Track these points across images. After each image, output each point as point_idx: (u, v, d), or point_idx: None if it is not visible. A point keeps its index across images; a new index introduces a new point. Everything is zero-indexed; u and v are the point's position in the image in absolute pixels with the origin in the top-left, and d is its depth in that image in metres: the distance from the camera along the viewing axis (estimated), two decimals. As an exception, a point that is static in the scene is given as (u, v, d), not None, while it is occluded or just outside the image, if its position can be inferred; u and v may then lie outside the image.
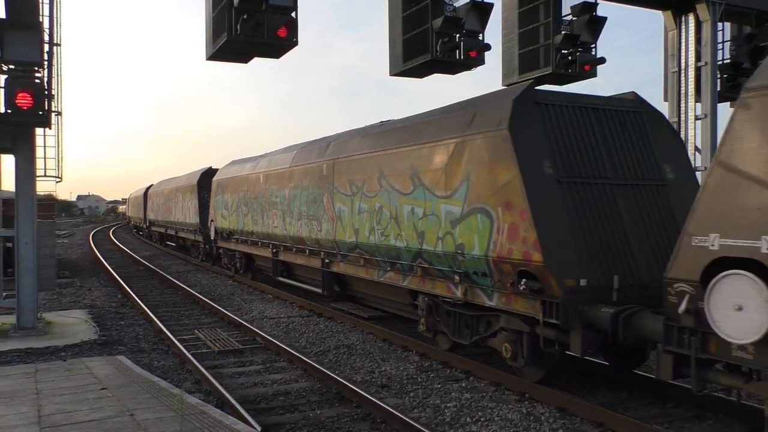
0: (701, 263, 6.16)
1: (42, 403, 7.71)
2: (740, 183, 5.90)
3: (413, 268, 11.03)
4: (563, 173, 8.58)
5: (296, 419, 7.78)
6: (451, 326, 10.38)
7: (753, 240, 5.68)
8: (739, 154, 5.95)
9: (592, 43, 13.65)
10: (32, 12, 12.23)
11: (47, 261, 15.19)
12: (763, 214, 5.62)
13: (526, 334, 8.71)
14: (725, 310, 5.91)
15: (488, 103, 9.48)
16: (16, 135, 12.27)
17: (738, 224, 5.83)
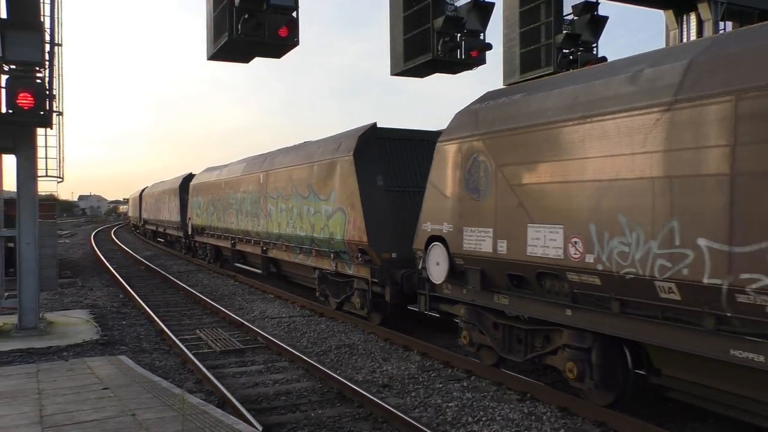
0: (424, 239, 10.14)
1: (44, 403, 7.72)
2: (436, 194, 9.94)
3: (311, 250, 15.32)
4: (390, 184, 12.83)
5: (298, 419, 7.78)
6: (332, 291, 14.87)
7: (441, 225, 9.75)
8: (434, 177, 10.02)
9: (593, 43, 13.64)
10: (33, 12, 12.26)
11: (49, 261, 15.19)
12: (443, 211, 9.71)
13: (367, 290, 12.96)
14: (432, 265, 10.03)
15: (348, 136, 13.62)
16: (17, 135, 12.29)
17: (436, 217, 9.90)
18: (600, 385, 7.71)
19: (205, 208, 25.79)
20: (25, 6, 12.16)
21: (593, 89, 7.48)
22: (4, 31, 11.25)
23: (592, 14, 13.57)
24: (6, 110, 11.48)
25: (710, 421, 7.49)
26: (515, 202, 8.37)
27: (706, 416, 7.56)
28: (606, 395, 7.78)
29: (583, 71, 8.63)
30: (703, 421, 7.51)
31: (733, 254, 5.78)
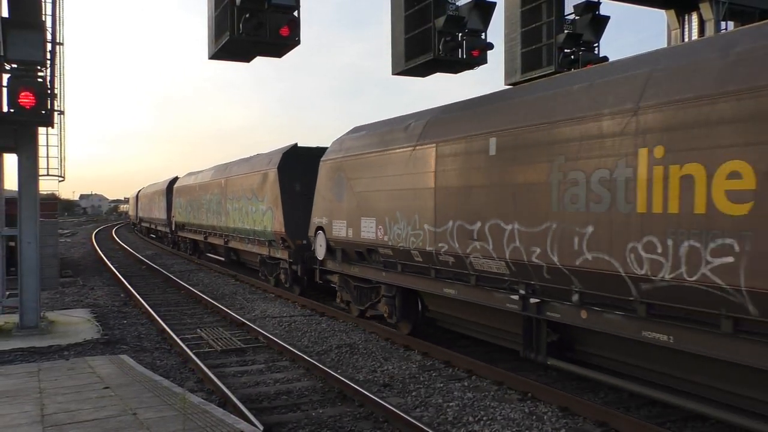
0: (314, 228, 14.41)
1: (45, 402, 7.72)
2: (319, 197, 14.18)
3: (254, 240, 20.11)
4: (304, 190, 16.61)
5: (298, 418, 7.78)
6: (269, 271, 19.91)
7: (322, 219, 13.80)
8: (319, 185, 14.12)
9: (594, 43, 13.63)
10: (35, 11, 12.27)
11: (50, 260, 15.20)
12: (323, 209, 13.80)
13: (287, 268, 17.81)
14: (318, 247, 14.22)
15: (276, 153, 18.59)
16: (18, 134, 12.29)
17: (319, 213, 14.04)
18: (401, 319, 11.99)
19: (184, 208, 30.45)
20: (26, 5, 12.17)
21: (390, 133, 11.87)
22: (6, 31, 11.25)
23: (594, 14, 13.56)
24: (7, 109, 11.49)
25: (710, 421, 7.49)
26: (356, 204, 12.66)
27: (707, 416, 7.55)
28: (407, 326, 12.03)
29: (386, 123, 12.83)
30: (704, 421, 7.51)
31: (437, 233, 10.14)
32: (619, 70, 7.52)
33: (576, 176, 7.55)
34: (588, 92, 7.65)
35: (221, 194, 23.45)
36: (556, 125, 7.87)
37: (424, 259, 10.58)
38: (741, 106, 5.84)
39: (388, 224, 11.50)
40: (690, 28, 14.21)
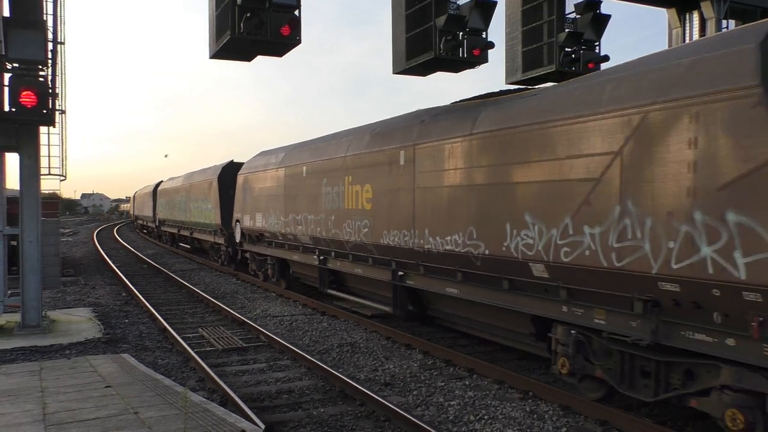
0: (234, 220, 21.45)
1: (47, 401, 7.74)
2: (239, 198, 20.83)
3: (206, 231, 27.00)
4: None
5: (300, 417, 7.79)
6: (215, 254, 26.63)
7: (239, 214, 20.74)
8: (237, 191, 21.03)
9: (596, 41, 13.60)
10: (36, 10, 12.27)
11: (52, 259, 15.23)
12: (238, 207, 20.98)
13: (224, 251, 24.39)
14: (237, 233, 21.19)
15: (218, 166, 25.23)
16: (20, 133, 12.31)
17: (238, 210, 21.00)
18: (279, 278, 18.58)
19: (164, 207, 37.61)
20: (27, 4, 12.17)
21: (269, 159, 18.45)
22: (7, 30, 11.26)
23: (595, 12, 13.53)
24: (9, 108, 11.50)
25: (711, 420, 7.48)
26: (253, 204, 19.23)
27: (707, 416, 7.55)
28: (283, 282, 18.36)
29: (271, 151, 19.63)
30: (705, 420, 7.51)
31: (285, 221, 16.59)
32: (342, 135, 14.85)
33: (330, 189, 14.40)
34: (332, 145, 14.83)
35: (187, 196, 30.51)
36: (323, 162, 14.85)
37: (282, 237, 17.35)
38: (372, 159, 12.52)
39: (267, 217, 18.34)
40: (691, 27, 14.19)
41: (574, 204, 7.52)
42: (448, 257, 10.07)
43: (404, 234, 11.25)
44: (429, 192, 10.61)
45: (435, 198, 10.44)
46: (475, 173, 9.43)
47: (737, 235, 5.75)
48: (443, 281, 10.51)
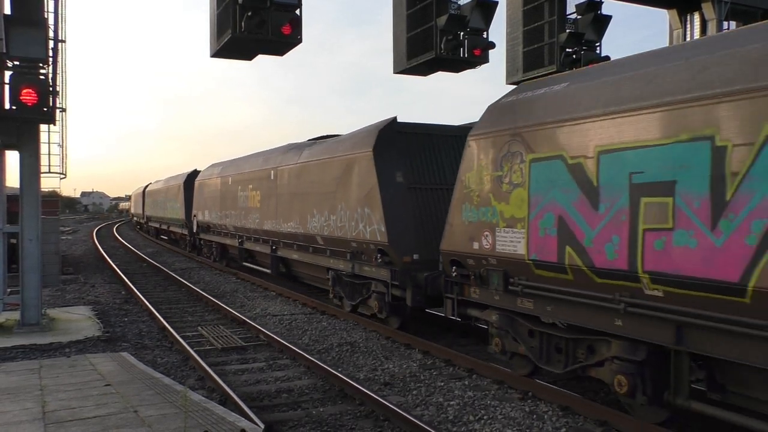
0: (192, 214, 29.59)
1: (46, 399, 7.74)
2: (195, 199, 28.08)
3: (177, 224, 33.23)
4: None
5: (299, 416, 7.79)
6: (184, 244, 32.84)
7: (195, 211, 28.23)
8: (194, 196, 28.43)
9: (596, 42, 13.61)
10: (37, 8, 12.26)
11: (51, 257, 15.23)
12: (195, 206, 28.02)
13: (189, 239, 31.30)
14: (194, 225, 29.55)
15: (182, 174, 32.75)
16: (21, 131, 12.30)
17: (195, 208, 27.94)
18: (221, 259, 25.24)
19: (150, 205, 44.37)
20: (29, 2, 12.16)
21: (214, 170, 25.51)
22: (9, 28, 11.26)
23: (596, 13, 13.54)
24: (10, 106, 11.50)
25: (711, 420, 7.49)
26: (203, 203, 26.14)
27: (708, 416, 7.55)
28: (224, 261, 24.76)
29: (219, 164, 25.80)
30: (705, 421, 7.51)
31: (219, 215, 24.09)
32: (250, 157, 21.67)
33: (242, 193, 20.74)
34: (246, 162, 21.41)
35: (165, 197, 37.13)
36: (239, 174, 21.38)
37: (219, 228, 24.07)
38: (260, 175, 19.43)
39: (211, 213, 25.15)
40: (692, 28, 14.19)
41: (328, 204, 14.46)
42: (290, 235, 16.94)
43: (273, 222, 18.17)
44: (282, 196, 17.56)
45: (284, 200, 17.38)
46: (298, 186, 16.41)
47: (366, 217, 12.59)
48: (293, 250, 17.06)
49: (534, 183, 8.19)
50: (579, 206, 7.50)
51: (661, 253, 6.51)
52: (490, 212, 8.98)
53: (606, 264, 7.15)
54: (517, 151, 8.52)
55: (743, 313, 5.85)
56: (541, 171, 8.07)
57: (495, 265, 8.92)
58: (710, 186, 6.05)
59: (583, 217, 7.45)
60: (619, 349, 7.32)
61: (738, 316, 5.92)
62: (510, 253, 8.55)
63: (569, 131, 7.65)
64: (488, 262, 9.05)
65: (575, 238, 7.54)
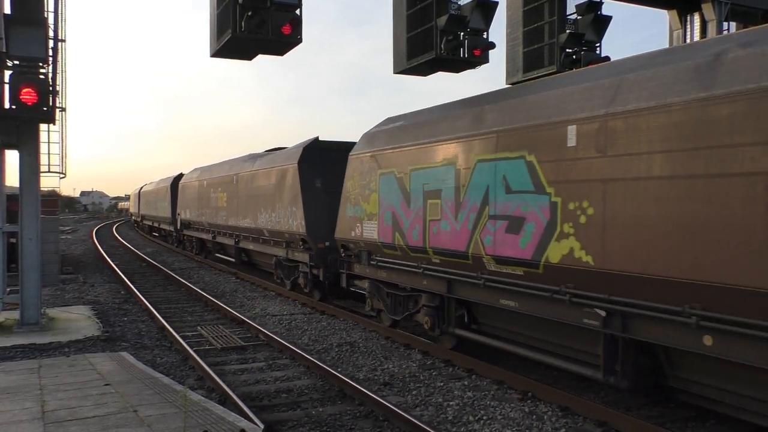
0: (177, 214, 33.61)
1: (46, 399, 7.74)
2: (179, 199, 32.60)
3: (165, 221, 37.46)
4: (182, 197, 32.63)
5: (299, 416, 7.79)
6: (166, 236, 39.75)
7: (179, 210, 32.59)
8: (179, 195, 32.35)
9: (596, 42, 13.62)
10: (37, 8, 12.26)
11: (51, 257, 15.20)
12: (179, 206, 32.35)
13: (174, 233, 36.44)
14: (178, 222, 32.81)
15: (168, 178, 37.83)
16: (20, 131, 12.30)
17: (179, 207, 32.37)
18: (200, 252, 29.28)
19: (144, 205, 48.17)
20: (29, 2, 12.16)
21: (194, 174, 29.47)
22: (9, 27, 11.26)
23: (596, 13, 13.55)
24: (9, 106, 11.50)
25: (711, 421, 7.50)
26: (185, 203, 30.17)
27: (707, 417, 7.57)
28: (201, 255, 28.90)
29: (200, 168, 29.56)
30: (704, 422, 7.51)
31: (197, 213, 27.86)
32: (223, 164, 25.66)
33: (214, 195, 24.73)
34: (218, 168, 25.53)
35: (156, 197, 41.12)
36: (212, 179, 25.29)
37: (198, 225, 27.45)
38: (226, 179, 23.41)
39: (191, 211, 28.79)
40: (692, 29, 14.19)
41: (270, 204, 18.10)
42: (247, 230, 20.43)
43: (235, 219, 21.73)
44: (241, 198, 21.04)
45: (242, 201, 20.87)
46: (251, 189, 20.07)
47: (293, 214, 16.20)
48: (253, 243, 20.55)
49: (381, 189, 11.82)
50: (402, 206, 11.15)
51: (436, 235, 10.19)
52: (359, 210, 12.58)
53: (414, 243, 10.78)
54: (373, 167, 12.14)
55: (474, 269, 9.40)
56: (384, 181, 11.73)
57: (363, 247, 12.61)
58: (455, 193, 9.73)
59: (404, 213, 11.09)
60: (425, 299, 10.91)
61: (470, 272, 9.47)
62: (370, 238, 12.22)
63: (397, 155, 11.40)
64: (359, 245, 12.71)
65: (400, 227, 11.21)
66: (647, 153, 6.71)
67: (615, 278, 7.10)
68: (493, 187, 8.90)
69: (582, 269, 7.50)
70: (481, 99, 10.09)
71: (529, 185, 8.28)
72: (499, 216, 8.79)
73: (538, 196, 8.13)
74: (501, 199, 8.76)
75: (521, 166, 8.43)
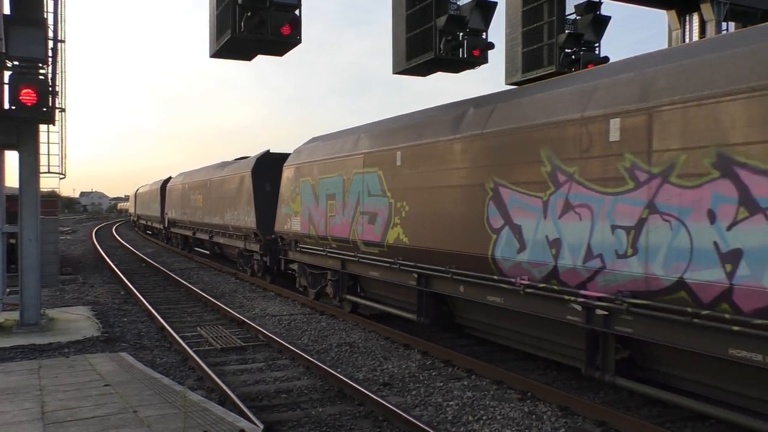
0: (164, 213, 35.07)
1: (45, 399, 7.74)
2: (167, 201, 35.83)
3: (156, 220, 41.94)
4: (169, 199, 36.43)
5: (298, 417, 7.79)
6: (160, 236, 41.62)
7: (166, 210, 36.04)
8: (167, 196, 34.87)
9: (595, 42, 13.61)
10: (37, 9, 12.27)
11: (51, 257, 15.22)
12: (167, 207, 35.58)
13: (163, 231, 41.05)
14: (166, 220, 36.05)
15: (159, 180, 41.28)
16: (20, 131, 12.29)
17: (166, 208, 35.63)
18: (183, 248, 34.02)
19: (140, 205, 51.97)
20: (28, 2, 12.17)
21: (178, 179, 33.73)
22: (8, 28, 11.25)
23: (595, 14, 13.54)
24: (9, 106, 11.49)
25: (711, 421, 7.50)
26: (172, 203, 34.52)
27: (707, 416, 7.57)
28: (186, 249, 33.50)
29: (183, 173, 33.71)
30: (704, 422, 7.52)
31: (182, 213, 32.00)
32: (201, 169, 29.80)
33: (194, 197, 28.92)
34: (197, 173, 29.13)
35: (149, 198, 44.56)
36: (191, 182, 29.25)
37: (181, 223, 31.81)
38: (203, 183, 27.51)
39: (176, 211, 32.83)
40: (691, 29, 14.21)
41: (233, 204, 21.67)
42: (218, 226, 23.96)
43: (209, 217, 25.19)
44: (213, 199, 24.70)
45: (214, 202, 24.51)
46: (220, 192, 23.45)
47: (248, 213, 20.23)
48: (222, 237, 24.12)
49: (302, 193, 15.57)
50: (314, 205, 14.92)
51: (333, 227, 13.90)
52: (289, 208, 16.43)
53: (321, 233, 14.42)
54: (297, 176, 15.99)
55: (353, 250, 13.11)
56: (304, 187, 15.50)
57: (292, 237, 16.27)
58: (342, 197, 13.53)
59: (315, 210, 14.86)
60: (330, 275, 14.66)
61: (352, 252, 13.13)
62: (296, 230, 15.88)
63: (311, 167, 15.22)
64: (290, 236, 16.40)
65: (313, 221, 14.91)
66: (420, 171, 10.92)
67: (420, 252, 10.89)
68: (362, 192, 12.81)
69: (404, 247, 11.28)
70: (360, 129, 13.90)
71: (379, 191, 12.17)
72: (365, 212, 12.71)
73: (383, 198, 12.02)
74: (365, 200, 12.69)
75: (375, 178, 12.36)
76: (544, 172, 8.39)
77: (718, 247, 6.22)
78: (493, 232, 9.21)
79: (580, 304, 7.83)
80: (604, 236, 7.49)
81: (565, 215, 8.05)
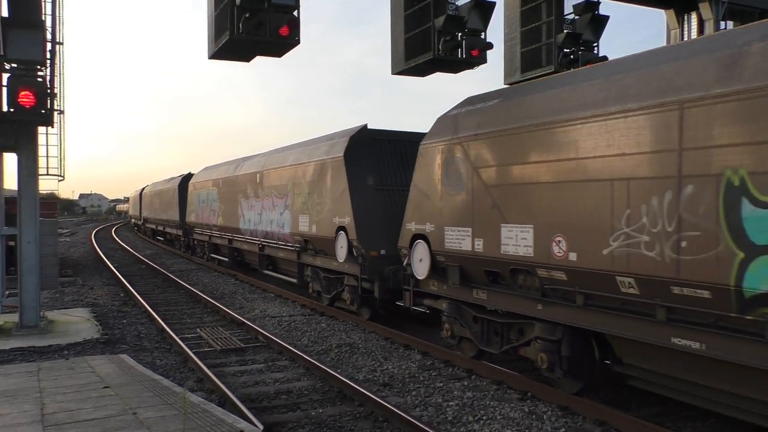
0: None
1: (45, 402, 7.73)
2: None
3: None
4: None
5: (298, 418, 7.79)
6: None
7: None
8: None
9: (594, 42, 13.62)
10: (35, 11, 12.25)
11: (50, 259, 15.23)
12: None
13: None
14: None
15: (141, 188, 51.19)
16: (18, 133, 12.29)
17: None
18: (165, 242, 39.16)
19: (147, 206, 48.37)
20: (26, 5, 12.15)
21: (148, 187, 47.12)
22: (6, 30, 11.25)
23: (593, 13, 13.56)
24: (7, 109, 11.48)
25: (711, 420, 7.50)
26: (146, 206, 46.63)
27: (707, 416, 7.57)
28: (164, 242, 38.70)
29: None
30: (704, 421, 7.52)
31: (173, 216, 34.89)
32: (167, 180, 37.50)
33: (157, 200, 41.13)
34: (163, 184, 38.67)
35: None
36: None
37: (154, 222, 42.45)
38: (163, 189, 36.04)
39: (150, 212, 43.46)
40: (690, 28, 14.21)
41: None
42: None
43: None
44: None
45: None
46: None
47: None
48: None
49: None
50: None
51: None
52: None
53: None
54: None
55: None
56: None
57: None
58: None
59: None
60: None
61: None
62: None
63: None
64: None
65: None
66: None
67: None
68: None
69: None
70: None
71: None
72: None
73: None
74: None
75: None
76: None
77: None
78: None
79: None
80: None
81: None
